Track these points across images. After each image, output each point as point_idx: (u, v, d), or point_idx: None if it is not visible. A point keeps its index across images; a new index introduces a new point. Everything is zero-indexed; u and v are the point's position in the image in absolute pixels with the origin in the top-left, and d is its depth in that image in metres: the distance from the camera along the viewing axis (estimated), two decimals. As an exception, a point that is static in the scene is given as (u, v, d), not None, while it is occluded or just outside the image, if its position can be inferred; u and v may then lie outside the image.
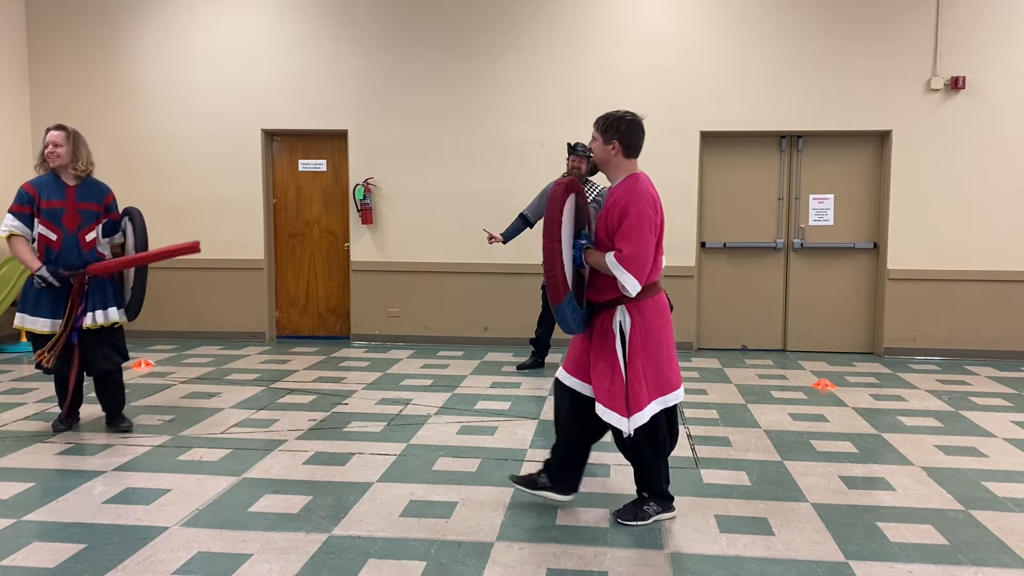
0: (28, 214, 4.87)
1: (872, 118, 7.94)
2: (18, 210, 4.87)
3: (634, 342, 3.51)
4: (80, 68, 8.60)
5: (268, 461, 4.58)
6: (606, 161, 3.65)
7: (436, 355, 7.88)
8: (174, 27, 8.51)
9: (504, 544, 3.49)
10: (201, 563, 3.28)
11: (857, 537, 3.59)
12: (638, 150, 3.64)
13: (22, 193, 4.89)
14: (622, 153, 3.61)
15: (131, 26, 8.54)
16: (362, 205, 8.42)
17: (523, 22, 8.20)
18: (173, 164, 8.58)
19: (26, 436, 5.01)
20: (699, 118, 8.08)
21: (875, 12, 7.85)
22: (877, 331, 8.18)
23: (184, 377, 6.80)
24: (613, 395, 3.51)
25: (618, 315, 3.55)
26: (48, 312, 4.89)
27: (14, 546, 3.42)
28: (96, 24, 8.55)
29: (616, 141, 3.59)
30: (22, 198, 4.88)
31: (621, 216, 3.48)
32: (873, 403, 6.10)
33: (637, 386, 3.49)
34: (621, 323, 3.54)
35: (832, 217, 8.22)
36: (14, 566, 3.25)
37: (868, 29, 7.87)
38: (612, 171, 3.66)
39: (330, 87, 8.43)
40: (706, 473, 4.42)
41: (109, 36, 8.56)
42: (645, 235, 3.46)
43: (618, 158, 3.62)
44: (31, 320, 4.89)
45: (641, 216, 3.46)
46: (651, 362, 3.54)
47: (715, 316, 8.40)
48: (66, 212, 4.89)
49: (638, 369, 3.50)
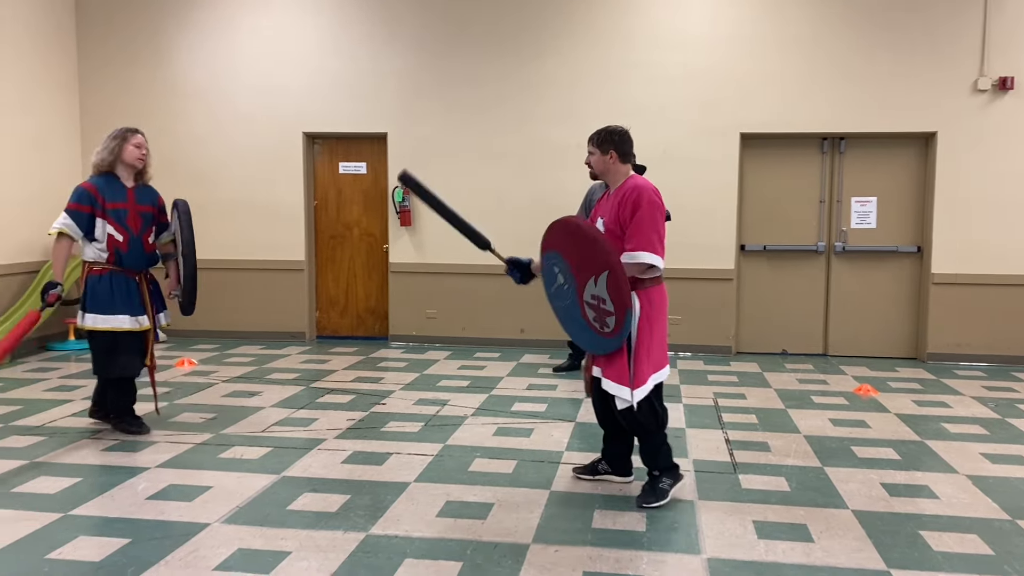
0: (87, 214, 4.77)
1: (917, 119, 7.79)
2: (76, 209, 4.77)
3: (642, 325, 3.89)
4: (127, 70, 8.78)
5: (307, 460, 4.64)
6: (605, 169, 4.13)
7: (473, 356, 7.91)
8: (218, 29, 8.65)
9: (540, 546, 3.49)
10: (241, 560, 3.34)
11: (899, 545, 3.53)
12: (631, 156, 4.12)
13: (82, 192, 4.78)
14: (619, 160, 4.08)
15: (177, 28, 8.70)
16: (401, 207, 8.48)
17: (562, 24, 8.19)
18: (217, 166, 8.72)
19: (73, 432, 5.13)
20: (739, 120, 8.01)
21: (921, 12, 7.71)
22: (920, 336, 8.04)
23: (226, 376, 6.91)
24: (619, 372, 3.88)
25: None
26: (126, 309, 4.85)
27: (61, 539, 3.51)
28: (144, 26, 8.73)
29: (613, 151, 4.07)
30: (82, 197, 4.77)
31: (634, 208, 3.88)
32: (916, 409, 5.99)
33: (642, 364, 3.89)
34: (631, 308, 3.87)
35: (875, 220, 8.09)
36: (61, 559, 3.33)
37: (913, 29, 7.73)
38: (611, 176, 4.12)
39: (370, 90, 8.50)
40: (744, 478, 4.38)
41: (156, 38, 8.73)
42: (657, 220, 3.91)
43: (616, 165, 4.09)
44: (110, 319, 4.79)
45: (653, 206, 3.90)
46: (654, 343, 3.94)
47: (754, 320, 8.31)
48: (129, 214, 4.87)
49: (642, 349, 3.89)
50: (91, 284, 4.84)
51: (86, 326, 4.84)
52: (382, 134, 8.57)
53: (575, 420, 5.54)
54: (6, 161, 7.86)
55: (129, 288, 4.89)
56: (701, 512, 3.90)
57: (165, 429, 5.23)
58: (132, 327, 4.88)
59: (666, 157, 7.83)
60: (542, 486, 4.22)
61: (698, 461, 4.66)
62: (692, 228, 7.82)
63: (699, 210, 7.89)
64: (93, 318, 4.81)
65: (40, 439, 4.99)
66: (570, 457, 4.71)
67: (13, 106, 7.96)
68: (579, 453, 4.79)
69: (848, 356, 8.16)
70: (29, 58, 8.16)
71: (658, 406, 3.99)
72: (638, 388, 3.87)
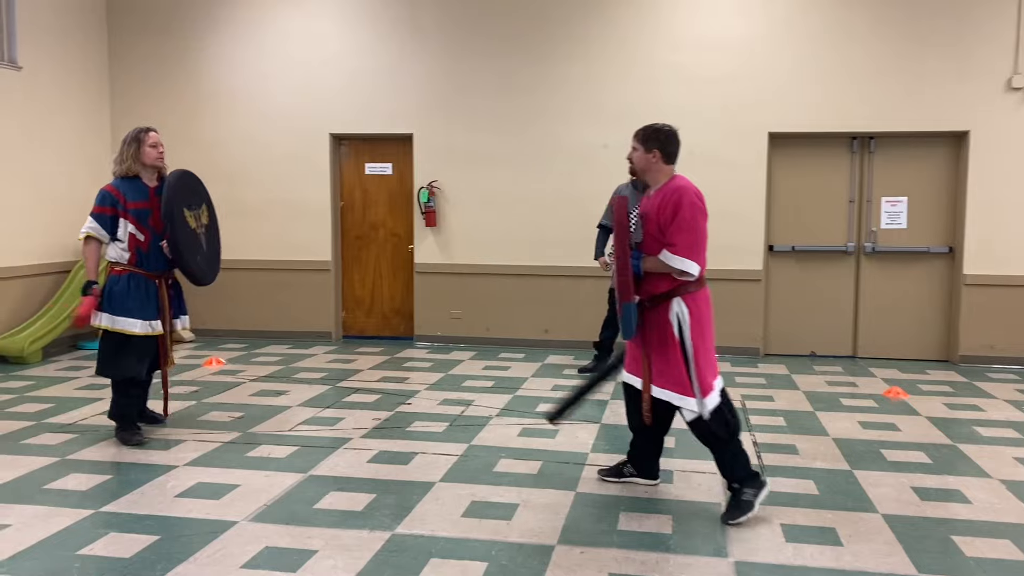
0: (110, 216, 4.80)
1: (948, 118, 7.68)
2: (100, 212, 4.81)
3: (694, 329, 3.81)
4: (158, 73, 8.88)
5: (333, 459, 4.66)
6: (647, 168, 4.01)
7: (497, 357, 7.91)
8: (248, 33, 8.72)
9: (565, 547, 3.48)
10: (268, 558, 3.36)
11: (930, 550, 3.48)
12: (675, 157, 3.99)
13: (104, 195, 4.84)
14: (662, 160, 3.95)
15: (207, 31, 8.79)
16: (426, 208, 8.50)
17: (588, 24, 8.17)
18: (245, 167, 8.79)
19: (104, 430, 5.19)
20: (767, 119, 7.94)
21: (951, 8, 7.59)
22: (952, 338, 7.92)
23: (253, 375, 6.97)
24: (677, 381, 3.80)
25: (674, 307, 3.83)
26: (139, 312, 4.83)
27: (92, 536, 3.56)
28: (174, 29, 8.82)
29: (657, 150, 3.95)
30: (104, 199, 4.82)
31: (675, 209, 3.79)
32: (948, 412, 5.90)
33: (703, 371, 3.80)
34: (678, 314, 3.83)
35: (905, 220, 7.98)
36: (92, 555, 3.37)
37: (944, 26, 7.61)
38: (653, 176, 4.00)
39: (396, 91, 8.53)
40: (772, 481, 4.33)
41: (186, 41, 8.81)
42: (700, 224, 3.81)
43: (658, 164, 3.96)
44: (122, 320, 4.79)
45: (694, 209, 3.80)
46: (707, 347, 3.87)
47: (783, 321, 8.24)
48: (151, 214, 4.88)
49: (699, 354, 3.81)
50: (109, 284, 4.86)
51: (98, 324, 4.83)
52: (407, 135, 8.60)
53: (600, 421, 5.52)
54: (40, 164, 7.98)
55: (148, 291, 4.89)
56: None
57: (193, 428, 5.28)
58: (143, 331, 4.84)
59: (693, 158, 7.74)
60: (567, 487, 4.21)
61: (725, 463, 4.62)
62: (720, 229, 7.66)
63: (727, 211, 7.82)
64: (107, 317, 4.81)
65: (71, 436, 5.06)
66: (595, 458, 4.69)
67: (46, 110, 8.08)
68: (604, 455, 4.77)
69: (878, 358, 8.05)
70: (61, 62, 8.28)
71: (728, 414, 3.86)
72: (707, 396, 3.79)
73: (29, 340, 7.38)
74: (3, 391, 6.31)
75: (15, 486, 4.17)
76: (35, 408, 5.77)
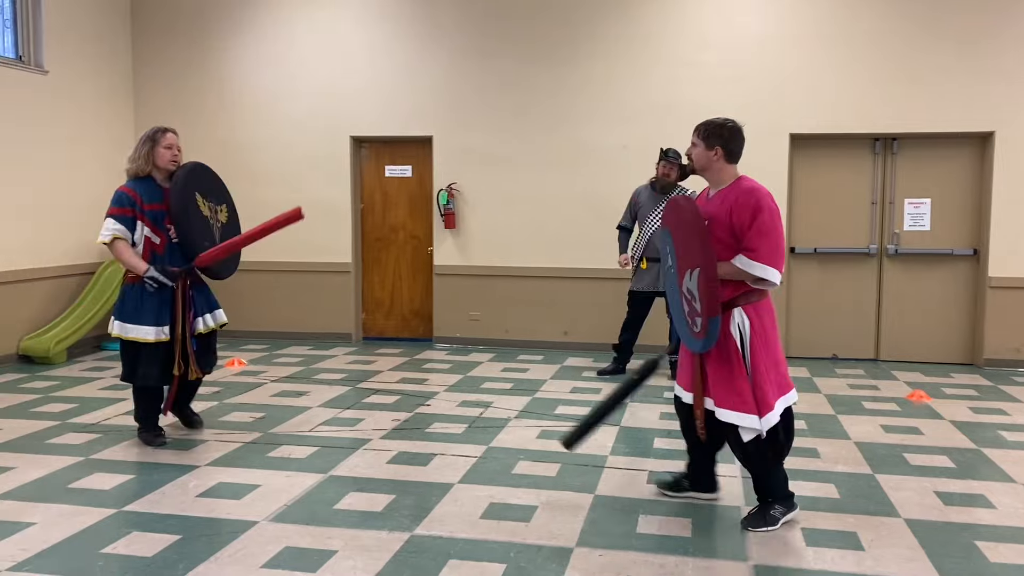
0: (130, 217, 4.75)
1: (973, 119, 7.59)
2: (119, 213, 4.75)
3: (755, 342, 3.58)
4: (181, 77, 8.97)
5: (353, 460, 4.68)
6: (707, 166, 3.74)
7: (516, 359, 7.91)
8: (270, 37, 8.79)
9: (584, 550, 3.48)
10: (288, 558, 3.38)
11: (953, 556, 3.44)
12: (738, 156, 3.75)
13: (121, 196, 4.78)
14: (724, 158, 3.71)
15: (230, 34, 8.86)
16: (445, 210, 8.52)
17: (608, 25, 8.16)
18: (266, 169, 8.85)
19: (127, 430, 5.24)
20: (788, 120, 7.89)
21: (976, 9, 7.51)
22: (977, 341, 7.83)
23: (274, 376, 7.01)
24: (740, 398, 3.56)
25: (736, 318, 3.61)
26: (152, 319, 4.75)
27: (115, 535, 3.59)
28: (197, 32, 8.91)
29: (719, 147, 3.70)
30: (122, 200, 4.76)
31: (754, 213, 3.55)
32: (972, 416, 5.83)
33: (765, 386, 3.55)
34: (740, 326, 3.60)
35: (929, 222, 7.90)
36: (115, 554, 3.41)
37: (968, 26, 7.53)
38: (715, 175, 3.75)
39: (416, 93, 8.56)
40: (793, 484, 4.28)
41: (210, 43, 8.90)
42: (779, 227, 3.58)
43: (720, 163, 3.72)
44: (134, 328, 4.74)
45: (772, 212, 3.58)
46: (772, 361, 3.61)
47: (804, 323, 8.17)
48: (167, 215, 4.83)
49: (761, 369, 3.57)
50: (124, 291, 4.84)
51: (114, 333, 4.81)
52: (427, 137, 8.63)
53: (619, 424, 5.50)
54: (65, 166, 8.08)
55: (161, 297, 4.79)
56: (748, 518, 3.84)
57: (215, 428, 5.32)
58: (157, 338, 4.76)
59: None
60: (586, 490, 4.20)
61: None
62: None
63: (747, 212, 7.78)
64: (121, 326, 4.77)
65: (95, 436, 5.12)
66: (615, 461, 4.69)
67: (71, 113, 8.19)
68: (624, 457, 4.76)
69: (901, 361, 7.97)
70: (86, 65, 8.38)
71: (783, 436, 3.64)
72: (767, 414, 3.54)
73: (54, 341, 7.47)
74: (29, 391, 6.40)
75: (41, 485, 4.23)
76: (60, 408, 5.84)
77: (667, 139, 7.22)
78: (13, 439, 5.04)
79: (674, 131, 7.62)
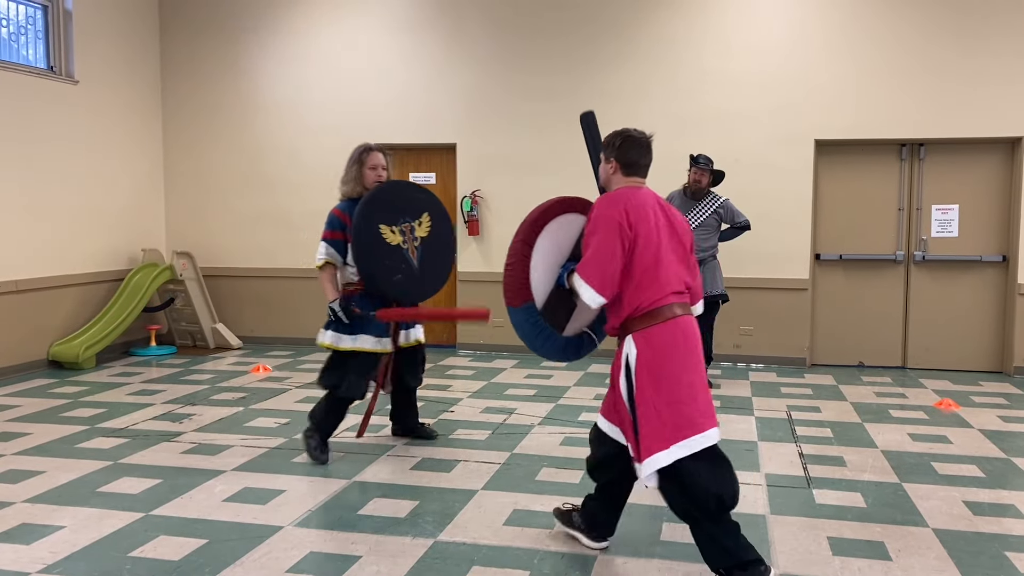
0: (341, 240, 4.68)
1: (1001, 124, 7.50)
2: (331, 237, 4.70)
3: (641, 375, 3.06)
4: (207, 86, 9.07)
5: (377, 465, 4.70)
6: (607, 181, 3.34)
7: (539, 365, 7.91)
8: (296, 46, 8.87)
9: (607, 557, 3.47)
10: (313, 563, 3.40)
11: (983, 566, 3.39)
12: (639, 168, 3.30)
13: (332, 219, 4.72)
14: (620, 171, 3.28)
15: (255, 43, 8.95)
16: (469, 217, 8.55)
17: (631, 32, 8.16)
18: (292, 177, 8.91)
19: (155, 435, 5.31)
20: (814, 126, 7.83)
21: (1004, 12, 7.43)
22: (1007, 349, 7.71)
23: (299, 382, 7.06)
24: (625, 436, 3.16)
25: (625, 347, 3.16)
26: (371, 330, 4.68)
27: (143, 539, 3.64)
28: (223, 41, 9.01)
29: (613, 159, 3.29)
30: (333, 224, 4.70)
31: (588, 224, 3.21)
32: (1002, 425, 5.75)
33: (647, 426, 3.03)
34: (628, 355, 3.14)
35: (956, 228, 7.81)
36: (143, 557, 3.45)
37: (996, 30, 7.44)
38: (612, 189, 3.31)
39: (440, 101, 8.61)
40: (819, 493, 4.27)
41: (236, 49, 8.99)
42: (604, 238, 3.09)
43: (616, 176, 3.29)
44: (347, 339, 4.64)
45: (598, 220, 3.13)
46: (664, 399, 3.03)
47: (830, 331, 8.10)
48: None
49: (649, 407, 3.04)
50: (342, 304, 4.71)
51: (326, 343, 4.70)
52: (451, 144, 8.66)
53: (643, 431, 5.47)
54: (95, 174, 8.20)
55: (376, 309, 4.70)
56: (774, 527, 3.81)
57: (240, 434, 5.37)
58: (374, 348, 4.70)
59: (739, 165, 7.70)
60: (610, 497, 4.18)
61: (771, 475, 4.56)
62: (766, 237, 7.67)
63: (773, 218, 7.74)
64: (336, 336, 4.68)
65: (123, 441, 5.19)
66: (638, 468, 4.66)
67: (100, 121, 8.31)
68: (647, 464, 4.74)
69: (928, 369, 7.88)
70: (115, 75, 8.51)
71: (702, 486, 3.00)
72: (647, 459, 3.02)
73: (84, 346, 7.57)
74: (59, 396, 6.49)
75: (70, 488, 4.29)
76: (89, 413, 5.92)
77: (691, 147, 7.21)
78: (43, 443, 5.12)
79: (696, 138, 7.62)
